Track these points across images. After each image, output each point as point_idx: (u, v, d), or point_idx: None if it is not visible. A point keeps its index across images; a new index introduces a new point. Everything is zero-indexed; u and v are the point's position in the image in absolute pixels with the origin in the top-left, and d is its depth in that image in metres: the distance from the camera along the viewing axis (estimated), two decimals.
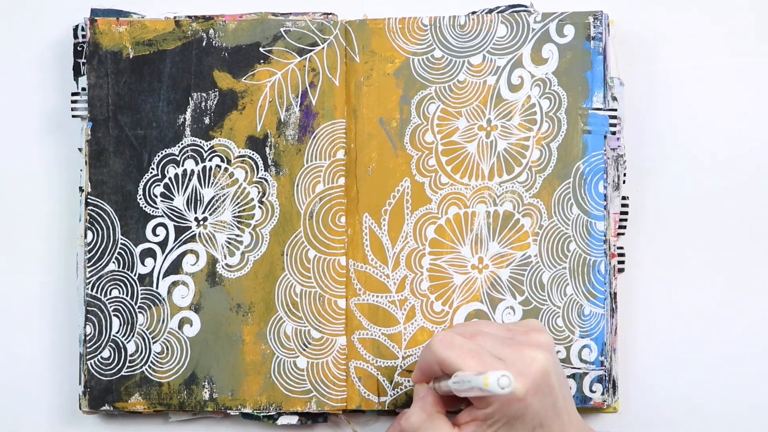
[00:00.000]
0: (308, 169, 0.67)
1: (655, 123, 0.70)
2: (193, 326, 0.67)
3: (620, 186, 0.67)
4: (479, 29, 0.68)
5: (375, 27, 0.68)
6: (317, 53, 0.68)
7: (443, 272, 0.67)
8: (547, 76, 0.67)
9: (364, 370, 0.67)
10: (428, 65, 0.68)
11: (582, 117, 0.67)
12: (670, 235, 0.69)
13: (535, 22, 0.67)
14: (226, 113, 0.68)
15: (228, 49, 0.68)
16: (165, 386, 0.67)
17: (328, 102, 0.68)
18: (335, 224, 0.67)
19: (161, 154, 0.68)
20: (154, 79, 0.68)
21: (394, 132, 0.68)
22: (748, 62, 0.70)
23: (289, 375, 0.67)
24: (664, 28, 0.70)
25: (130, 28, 0.68)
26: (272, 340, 0.67)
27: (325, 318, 0.67)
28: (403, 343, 0.67)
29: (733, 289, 0.69)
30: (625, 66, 0.69)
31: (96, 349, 0.67)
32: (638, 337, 0.68)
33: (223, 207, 0.68)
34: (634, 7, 0.70)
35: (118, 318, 0.67)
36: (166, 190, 0.68)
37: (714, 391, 0.68)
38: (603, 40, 0.67)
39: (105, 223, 0.67)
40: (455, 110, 0.68)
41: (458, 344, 0.58)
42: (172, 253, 0.67)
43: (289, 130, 0.68)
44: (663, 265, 0.69)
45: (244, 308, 0.67)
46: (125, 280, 0.67)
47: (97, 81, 0.68)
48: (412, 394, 0.63)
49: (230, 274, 0.67)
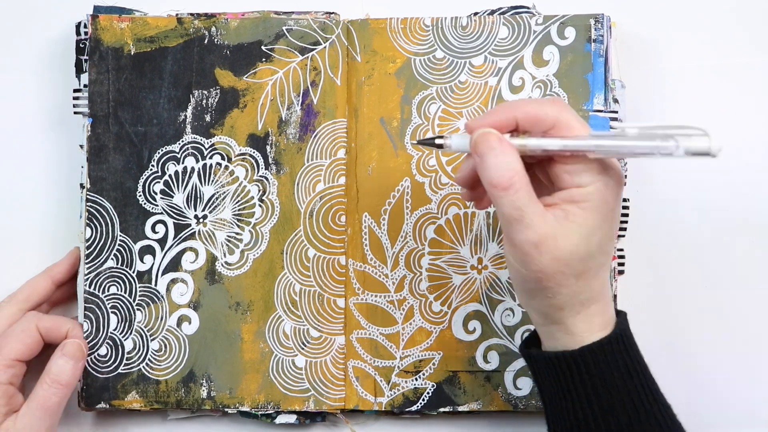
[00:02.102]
0: (309, 168, 0.67)
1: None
2: (191, 324, 0.67)
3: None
4: (481, 30, 0.68)
5: (377, 27, 0.68)
6: (319, 52, 0.68)
7: (442, 272, 0.67)
8: (548, 77, 0.67)
9: (362, 370, 0.67)
10: (430, 65, 0.68)
11: (582, 119, 0.67)
12: (670, 237, 0.69)
13: (536, 24, 0.68)
14: (227, 111, 0.68)
15: (230, 47, 0.68)
16: (163, 384, 0.67)
17: (330, 101, 0.68)
18: (335, 223, 0.67)
19: (161, 151, 0.68)
20: (155, 76, 0.68)
21: (394, 132, 0.68)
22: (748, 63, 0.70)
23: (288, 374, 0.67)
24: (666, 30, 0.70)
25: (132, 24, 0.68)
26: (271, 339, 0.67)
27: (324, 317, 0.67)
28: (401, 344, 0.67)
29: (734, 290, 0.69)
30: (626, 68, 0.69)
31: (93, 346, 0.67)
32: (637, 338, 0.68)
33: (223, 205, 0.67)
34: (636, 9, 0.70)
35: (116, 315, 0.67)
36: (166, 187, 0.67)
37: (714, 392, 0.68)
38: (604, 42, 0.67)
39: (104, 220, 0.67)
40: (456, 111, 0.68)
41: (584, 121, 0.54)
42: (171, 251, 0.67)
43: (290, 128, 0.68)
44: (663, 267, 0.69)
45: (243, 306, 0.67)
46: (124, 277, 0.67)
47: (98, 77, 0.68)
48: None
49: (230, 272, 0.67)
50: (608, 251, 0.55)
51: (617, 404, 0.54)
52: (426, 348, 0.67)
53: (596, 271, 0.54)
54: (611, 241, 0.54)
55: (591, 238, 0.53)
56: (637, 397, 0.54)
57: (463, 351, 0.67)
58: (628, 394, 0.54)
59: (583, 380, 0.54)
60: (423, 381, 0.67)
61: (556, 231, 0.52)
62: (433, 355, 0.67)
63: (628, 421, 0.54)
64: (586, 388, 0.54)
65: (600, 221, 0.53)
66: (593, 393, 0.54)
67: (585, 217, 0.53)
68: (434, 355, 0.67)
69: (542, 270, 0.53)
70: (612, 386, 0.54)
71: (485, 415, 0.68)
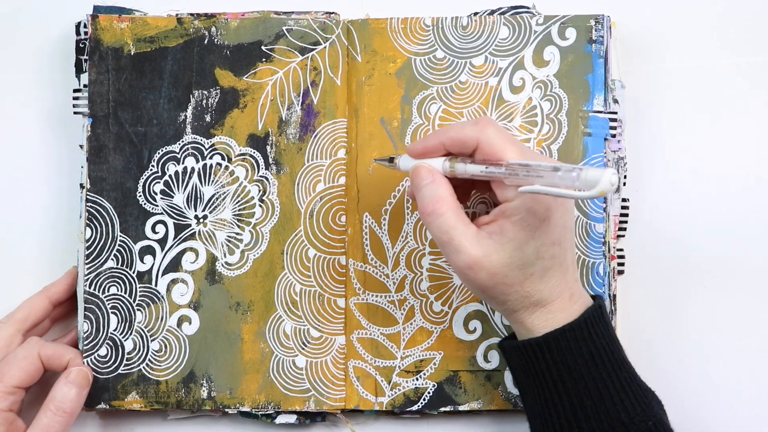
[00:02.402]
0: (309, 168, 0.67)
1: (656, 124, 0.70)
2: (191, 324, 0.67)
3: (620, 188, 0.68)
4: (481, 30, 0.68)
5: (377, 27, 0.68)
6: (319, 52, 0.68)
7: (443, 272, 0.67)
8: (548, 78, 0.68)
9: (363, 370, 0.67)
10: (430, 65, 0.68)
11: (582, 119, 0.67)
12: (670, 237, 0.69)
13: (537, 24, 0.68)
14: (227, 111, 0.68)
15: (230, 47, 0.68)
16: (163, 384, 0.67)
17: (330, 101, 0.68)
18: (335, 223, 0.67)
19: (161, 151, 0.67)
20: (155, 76, 0.68)
21: (395, 132, 0.68)
22: (748, 63, 0.70)
23: (288, 374, 0.67)
24: (666, 30, 0.70)
25: (132, 24, 0.68)
26: (271, 339, 0.67)
27: (325, 317, 0.67)
28: (402, 343, 0.67)
29: (734, 290, 0.69)
30: (626, 67, 0.69)
31: (93, 346, 0.67)
32: (637, 339, 0.69)
33: (224, 205, 0.67)
34: (636, 9, 0.70)
35: (116, 315, 0.67)
36: (166, 187, 0.67)
37: (714, 392, 0.69)
38: (604, 43, 0.67)
39: (104, 220, 0.67)
40: (457, 111, 0.68)
41: (508, 135, 0.56)
42: (171, 251, 0.67)
43: (291, 128, 0.68)
44: (663, 267, 0.69)
45: (244, 306, 0.67)
46: (124, 278, 0.67)
47: (98, 77, 0.67)
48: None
49: (230, 273, 0.67)
50: (551, 255, 0.57)
51: (581, 389, 0.57)
52: (427, 348, 0.67)
53: (541, 275, 0.57)
54: (554, 245, 0.57)
55: (524, 249, 0.56)
56: (602, 383, 0.57)
57: (464, 351, 0.67)
58: (592, 380, 0.57)
59: (548, 366, 0.57)
60: (424, 381, 0.67)
61: (488, 249, 0.56)
62: (434, 354, 0.67)
63: (592, 405, 0.57)
64: (552, 373, 0.57)
65: (531, 231, 0.56)
66: (559, 379, 0.57)
67: (515, 230, 0.56)
68: (435, 354, 0.67)
69: (482, 285, 0.57)
70: (576, 372, 0.57)
71: (486, 415, 0.68)
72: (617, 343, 0.59)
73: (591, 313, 0.58)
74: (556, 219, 0.56)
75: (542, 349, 0.57)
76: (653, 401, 0.58)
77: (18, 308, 0.66)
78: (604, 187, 0.49)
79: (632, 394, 0.57)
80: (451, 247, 0.56)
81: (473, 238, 0.56)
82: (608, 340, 0.58)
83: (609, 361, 0.57)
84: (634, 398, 0.57)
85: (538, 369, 0.58)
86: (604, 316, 0.59)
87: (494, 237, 0.56)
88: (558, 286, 0.58)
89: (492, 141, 0.56)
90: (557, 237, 0.56)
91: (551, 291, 0.57)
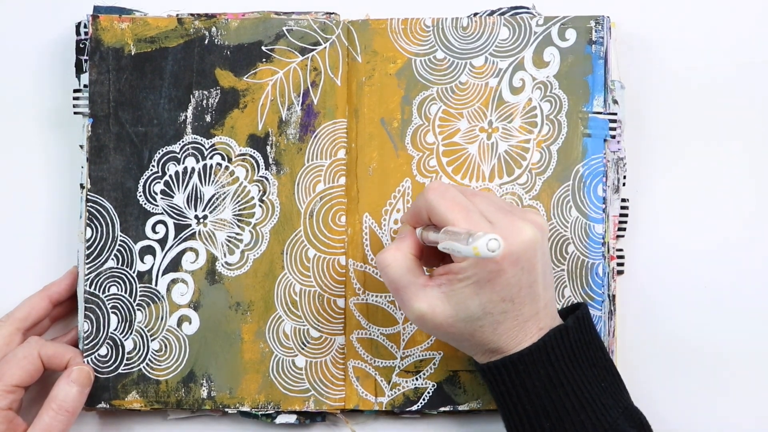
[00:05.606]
0: (309, 168, 0.67)
1: (656, 125, 0.70)
2: (192, 324, 0.67)
3: (620, 188, 0.68)
4: (482, 31, 0.68)
5: (377, 27, 0.68)
6: (319, 53, 0.68)
7: None
8: (548, 79, 0.68)
9: (363, 370, 0.67)
10: (430, 66, 0.68)
11: (582, 120, 0.67)
12: (670, 237, 0.69)
13: (537, 25, 0.68)
14: (227, 111, 0.68)
15: (230, 47, 0.68)
16: (163, 384, 0.67)
17: (330, 101, 0.68)
18: (335, 224, 0.67)
19: (162, 151, 0.68)
20: (155, 77, 0.68)
21: (395, 132, 0.68)
22: (748, 63, 0.70)
23: (288, 374, 0.67)
24: (666, 30, 0.70)
25: (133, 25, 0.68)
26: (271, 339, 0.67)
27: (324, 317, 0.67)
28: (402, 344, 0.67)
29: (733, 291, 0.69)
30: (626, 68, 0.69)
31: (93, 346, 0.67)
32: (636, 338, 0.69)
33: (224, 205, 0.67)
34: (636, 9, 0.70)
35: (116, 315, 0.67)
36: (166, 187, 0.67)
37: (715, 392, 0.69)
38: (604, 44, 0.67)
39: (104, 220, 0.67)
40: (457, 111, 0.68)
41: (451, 196, 0.58)
42: (171, 251, 0.67)
43: (291, 129, 0.68)
44: (662, 267, 0.69)
45: (244, 306, 0.67)
46: (124, 277, 0.67)
47: (99, 77, 0.68)
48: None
49: (230, 273, 0.67)
50: (501, 310, 0.58)
51: (540, 411, 0.58)
52: (426, 348, 0.67)
53: (492, 328, 0.58)
54: (503, 302, 0.57)
55: (468, 304, 0.57)
56: (561, 405, 0.58)
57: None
58: (551, 402, 0.58)
59: (507, 388, 0.59)
60: (423, 381, 0.67)
61: (433, 303, 0.58)
62: (434, 354, 0.67)
63: (551, 426, 0.58)
64: (512, 396, 0.59)
65: (477, 288, 0.57)
66: (518, 399, 0.59)
67: (460, 287, 0.57)
68: (435, 354, 0.67)
69: (434, 333, 0.61)
70: (534, 394, 0.58)
71: (485, 414, 0.68)
72: (581, 362, 0.59)
73: (548, 338, 0.58)
74: (508, 278, 0.57)
75: (501, 371, 0.59)
76: (620, 419, 0.58)
77: (18, 307, 0.66)
78: (480, 249, 0.51)
79: (594, 414, 0.58)
80: (401, 299, 0.59)
81: (421, 293, 0.58)
82: (568, 361, 0.58)
83: (569, 382, 0.58)
84: (596, 419, 0.58)
85: (503, 388, 0.59)
86: (569, 336, 0.59)
87: (442, 288, 0.58)
88: (515, 336, 0.58)
89: (435, 209, 0.58)
90: (507, 294, 0.57)
91: (507, 341, 0.58)
